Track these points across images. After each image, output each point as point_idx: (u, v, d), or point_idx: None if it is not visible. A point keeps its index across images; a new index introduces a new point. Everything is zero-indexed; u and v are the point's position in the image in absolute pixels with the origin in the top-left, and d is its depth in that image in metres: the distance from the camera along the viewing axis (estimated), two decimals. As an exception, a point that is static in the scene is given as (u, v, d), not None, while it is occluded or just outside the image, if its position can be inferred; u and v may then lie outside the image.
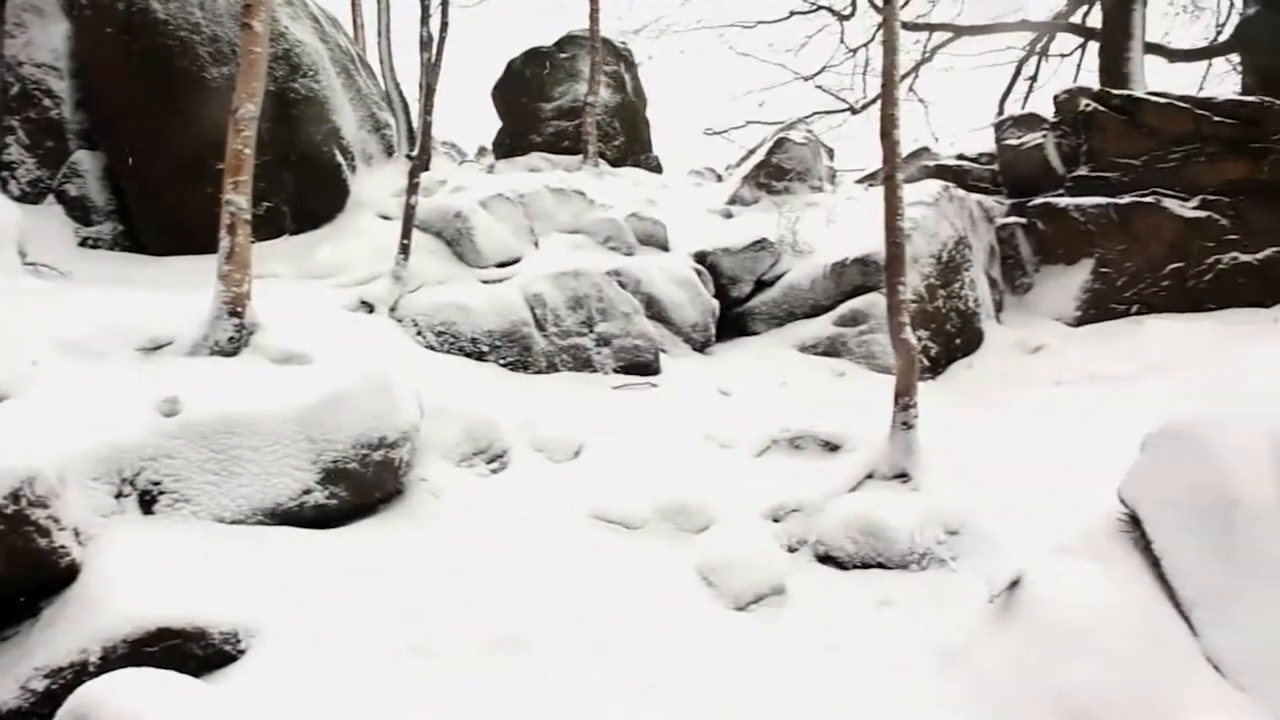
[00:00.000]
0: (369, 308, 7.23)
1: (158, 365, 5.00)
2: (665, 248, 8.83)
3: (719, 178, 13.98)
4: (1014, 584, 4.50)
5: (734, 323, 8.85)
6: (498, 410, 6.02)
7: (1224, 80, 19.22)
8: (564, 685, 3.82)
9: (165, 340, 5.21)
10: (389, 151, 9.84)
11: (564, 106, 13.66)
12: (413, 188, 7.66)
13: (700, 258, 8.87)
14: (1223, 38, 18.58)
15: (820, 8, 19.99)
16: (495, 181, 9.30)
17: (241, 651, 3.71)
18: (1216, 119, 10.42)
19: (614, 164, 13.03)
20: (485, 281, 7.69)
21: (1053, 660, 4.03)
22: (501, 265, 7.92)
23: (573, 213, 8.86)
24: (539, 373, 7.21)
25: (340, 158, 8.61)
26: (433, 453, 5.47)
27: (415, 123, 10.10)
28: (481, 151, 15.13)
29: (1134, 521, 4.80)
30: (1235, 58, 17.29)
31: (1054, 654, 4.07)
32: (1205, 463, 4.64)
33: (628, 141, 14.10)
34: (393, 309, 7.29)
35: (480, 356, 7.13)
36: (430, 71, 8.46)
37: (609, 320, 7.48)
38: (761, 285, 9.02)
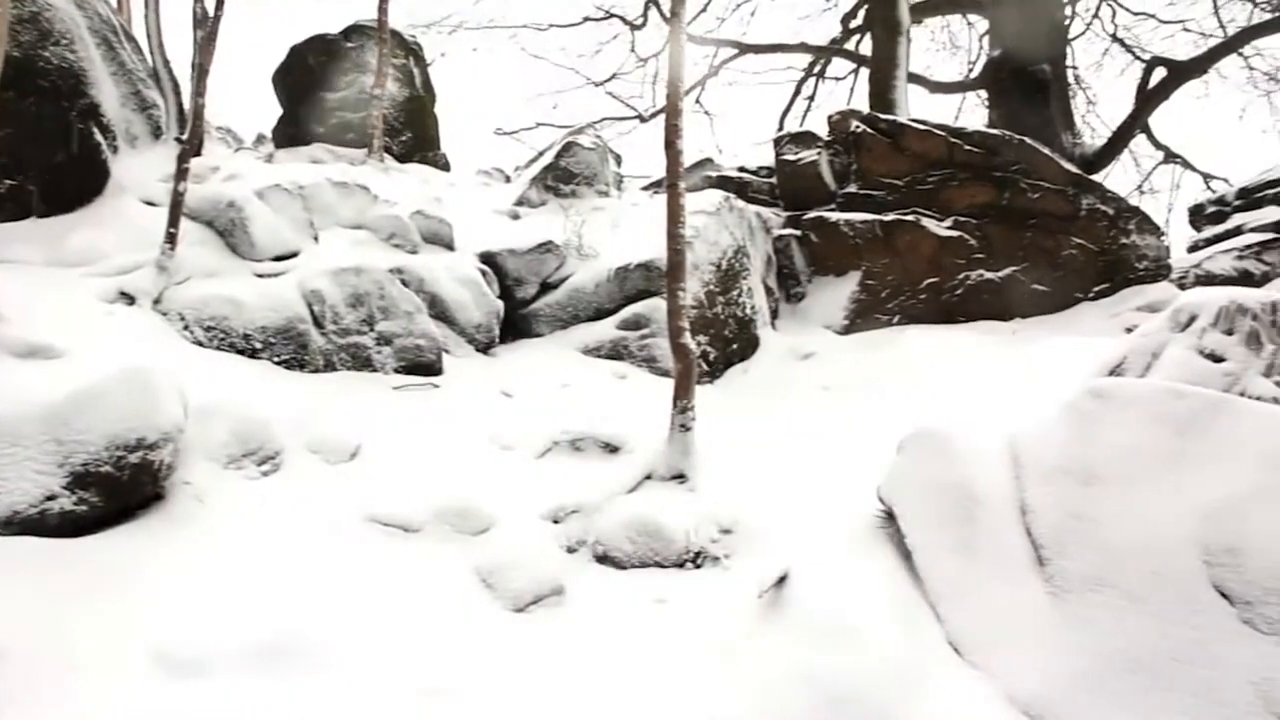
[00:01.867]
0: (130, 300, 6.76)
1: (-127, 358, 4.49)
2: (451, 247, 8.72)
3: (507, 178, 13.93)
4: (781, 580, 4.75)
5: (518, 324, 8.85)
6: (270, 410, 5.76)
7: (976, 111, 20.95)
8: (338, 692, 3.72)
9: (-118, 331, 4.69)
10: (156, 133, 9.21)
11: (349, 98, 13.21)
12: (182, 173, 7.23)
13: (486, 258, 8.81)
14: (974, 75, 20.26)
15: (612, 16, 20.31)
16: (274, 171, 8.89)
17: (-33, 674, 3.37)
18: (967, 147, 11.35)
19: (401, 160, 12.74)
20: (260, 275, 7.34)
21: (816, 651, 4.28)
22: (278, 259, 7.58)
23: (356, 208, 8.60)
24: (316, 371, 6.96)
25: (99, 136, 7.98)
26: (198, 455, 5.18)
27: (187, 104, 9.51)
28: (260, 139, 14.42)
29: (890, 518, 5.16)
30: (984, 93, 18.88)
31: (817, 645, 4.32)
32: (952, 464, 5.05)
33: (415, 138, 13.81)
34: (156, 301, 6.85)
35: (253, 354, 6.81)
36: (204, 50, 8.01)
37: (391, 319, 7.31)
38: (546, 287, 9.06)
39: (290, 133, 13.28)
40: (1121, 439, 4.62)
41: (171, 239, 7.10)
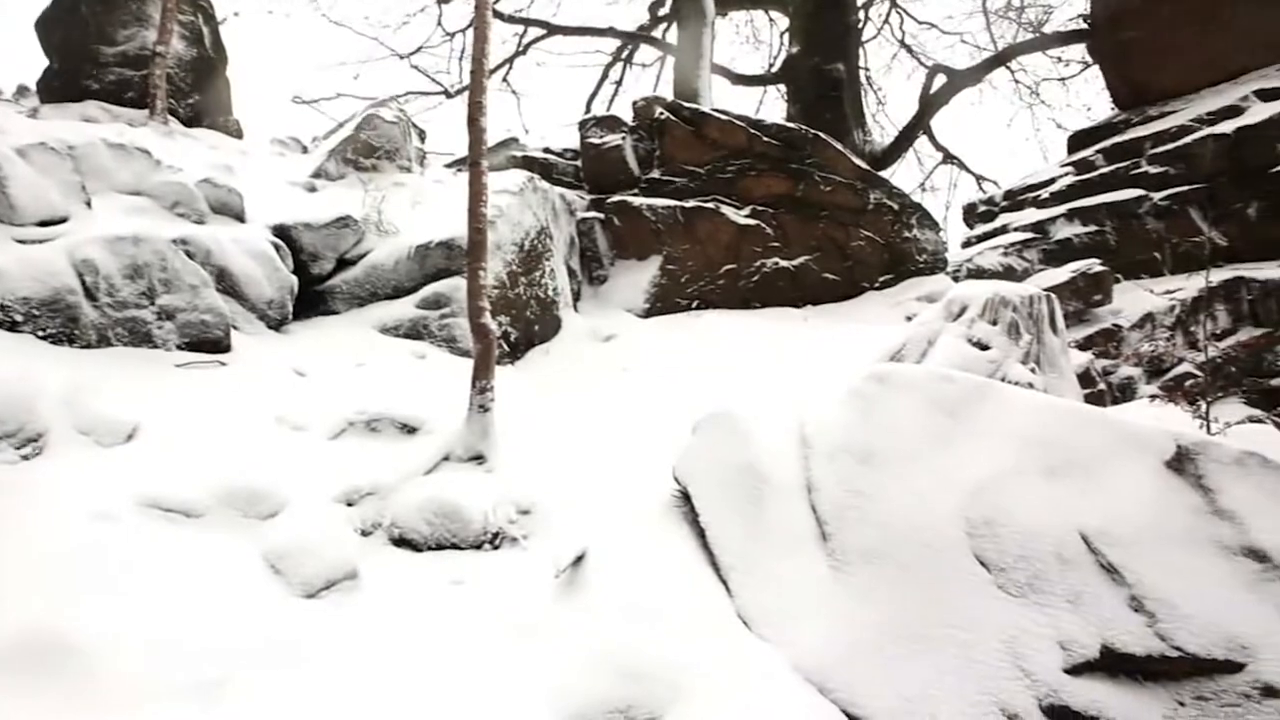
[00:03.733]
0: None
1: None
2: (242, 218, 8.27)
3: (304, 149, 13.36)
4: (579, 560, 4.81)
5: (314, 301, 8.51)
6: (34, 388, 5.30)
7: (776, 105, 21.80)
8: (112, 691, 3.49)
9: None
10: (-104, 80, 8.28)
11: (129, 53, 12.27)
12: (-73, 126, 6.53)
13: (280, 231, 8.41)
14: (775, 70, 21.03)
15: (419, -14, 19.83)
16: (39, 128, 8.15)
17: None
18: (766, 139, 11.77)
19: (187, 124, 11.98)
20: (21, 242, 6.72)
21: (612, 629, 4.36)
22: (44, 225, 6.97)
23: (135, 173, 8.01)
24: (88, 347, 6.46)
25: None
26: (-55, 437, 4.72)
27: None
28: (22, 91, 13.21)
29: (686, 498, 5.31)
30: (784, 88, 19.64)
31: (613, 623, 4.41)
32: (744, 445, 5.25)
33: (204, 101, 13.01)
34: (-105, 267, 6.17)
35: (13, 327, 6.24)
36: (-45, -8, 7.25)
37: (174, 293, 6.87)
38: (344, 264, 8.74)
39: (59, 87, 12.20)
40: (899, 420, 4.94)
41: (-85, 198, 6.42)
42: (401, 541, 5.13)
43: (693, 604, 4.60)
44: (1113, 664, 4.01)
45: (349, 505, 5.35)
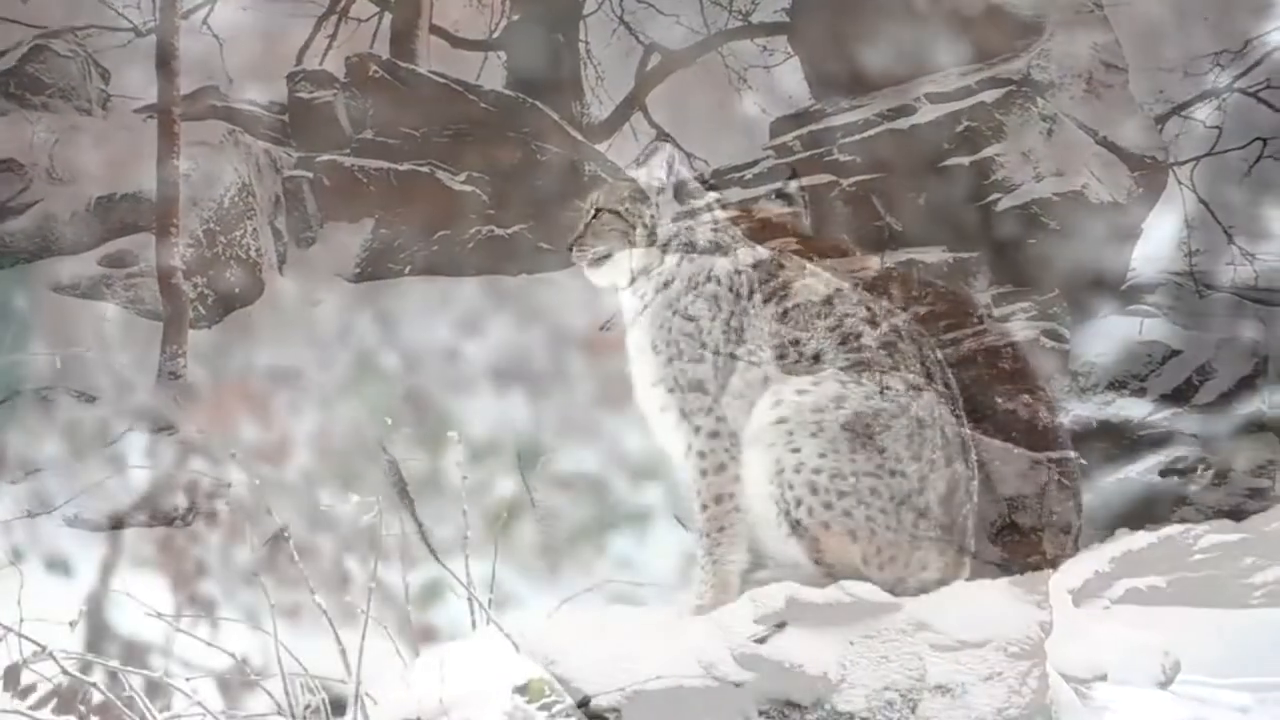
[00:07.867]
0: None
1: None
2: None
3: (-47, 79, 11.79)
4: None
5: (-32, 256, 7.62)
6: None
7: (497, 71, 21.61)
8: None
9: None
10: None
11: None
12: None
13: (-80, 172, 7.44)
14: (496, 35, 20.86)
15: (102, -93, 17.95)
16: None
17: None
18: (484, 105, 11.73)
19: None
20: None
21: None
22: None
23: None
24: None
25: None
26: None
27: None
28: None
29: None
30: (504, 54, 19.54)
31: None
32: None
33: None
34: None
35: None
36: None
37: None
38: (7, 213, 7.87)
39: None
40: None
41: None
42: (79, 521, 4.79)
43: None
44: (797, 613, 4.41)
45: (12, 484, 4.89)
